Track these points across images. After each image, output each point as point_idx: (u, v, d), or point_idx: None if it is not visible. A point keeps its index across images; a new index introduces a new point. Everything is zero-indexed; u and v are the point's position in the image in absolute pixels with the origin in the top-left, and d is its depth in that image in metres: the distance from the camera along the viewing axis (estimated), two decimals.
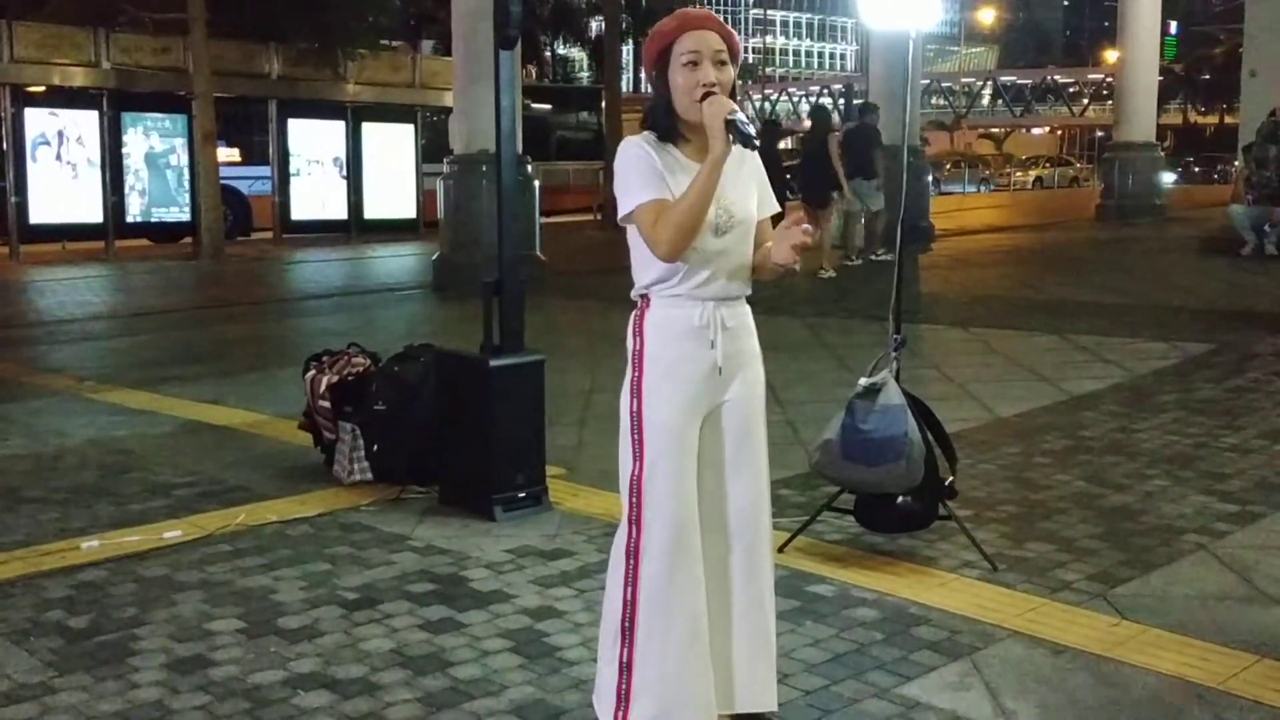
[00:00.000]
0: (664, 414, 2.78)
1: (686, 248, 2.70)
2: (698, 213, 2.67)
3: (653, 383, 2.79)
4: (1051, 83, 69.68)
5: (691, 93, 2.70)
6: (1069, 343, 8.96)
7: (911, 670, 3.46)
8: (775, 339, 9.64)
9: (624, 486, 2.81)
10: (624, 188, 2.75)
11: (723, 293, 2.82)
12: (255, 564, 4.43)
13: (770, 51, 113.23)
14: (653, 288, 2.81)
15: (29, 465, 5.98)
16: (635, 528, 2.77)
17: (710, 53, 2.73)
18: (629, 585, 2.78)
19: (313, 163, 22.17)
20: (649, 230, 2.70)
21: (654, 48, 2.78)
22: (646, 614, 2.77)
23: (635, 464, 2.78)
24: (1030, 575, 4.20)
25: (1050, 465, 5.66)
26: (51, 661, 3.58)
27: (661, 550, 2.76)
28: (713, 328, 2.81)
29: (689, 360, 2.80)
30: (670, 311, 2.80)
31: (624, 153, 2.78)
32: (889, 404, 4.22)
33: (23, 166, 18.93)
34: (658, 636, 2.77)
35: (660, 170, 2.74)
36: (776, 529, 4.65)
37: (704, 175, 2.65)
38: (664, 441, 2.77)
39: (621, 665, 2.80)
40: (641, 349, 2.81)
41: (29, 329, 11.88)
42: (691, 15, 2.81)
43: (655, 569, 2.76)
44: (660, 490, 2.76)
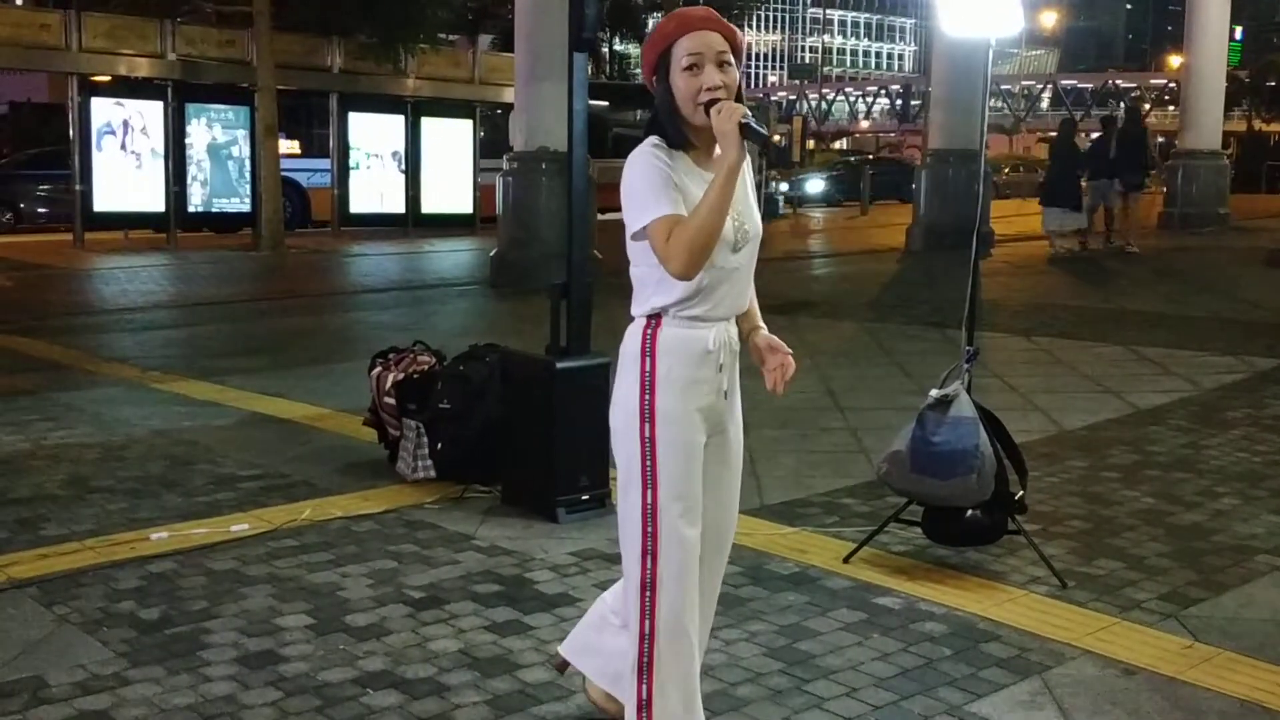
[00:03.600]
0: (679, 439, 2.66)
1: (703, 264, 2.54)
2: (714, 226, 2.52)
3: (665, 406, 2.65)
4: (1112, 86, 68.85)
5: (696, 97, 2.58)
6: (1134, 354, 8.85)
7: (981, 687, 3.42)
8: (834, 344, 9.67)
9: (632, 515, 2.67)
10: (636, 201, 2.59)
11: (730, 311, 2.73)
12: (322, 560, 4.47)
13: (828, 51, 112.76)
14: (671, 308, 2.65)
15: (97, 454, 6.06)
16: (651, 559, 2.64)
17: (713, 54, 2.59)
18: (646, 619, 2.66)
19: (372, 156, 22.31)
20: (662, 245, 2.53)
21: (653, 50, 2.65)
22: (666, 647, 2.67)
23: (648, 492, 2.64)
24: (1100, 593, 4.15)
25: (1118, 480, 5.58)
26: (124, 653, 3.63)
27: (676, 580, 2.66)
28: (723, 350, 2.71)
29: (702, 383, 2.68)
30: (685, 332, 2.66)
31: (636, 163, 2.62)
32: (961, 416, 4.18)
33: (88, 155, 19.20)
34: (672, 668, 2.69)
35: (673, 181, 2.59)
36: (842, 538, 4.69)
37: (719, 185, 2.50)
38: (679, 468, 2.65)
39: (641, 704, 2.69)
40: (653, 370, 2.65)
41: (93, 316, 12.05)
42: (691, 15, 2.64)
43: (672, 599, 2.66)
44: (677, 518, 2.65)
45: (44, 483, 5.51)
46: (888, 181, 34.54)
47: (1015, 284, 13.45)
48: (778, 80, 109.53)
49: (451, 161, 23.10)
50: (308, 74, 21.88)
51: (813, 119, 64.94)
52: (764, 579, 4.28)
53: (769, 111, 33.67)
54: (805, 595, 4.12)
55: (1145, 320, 10.63)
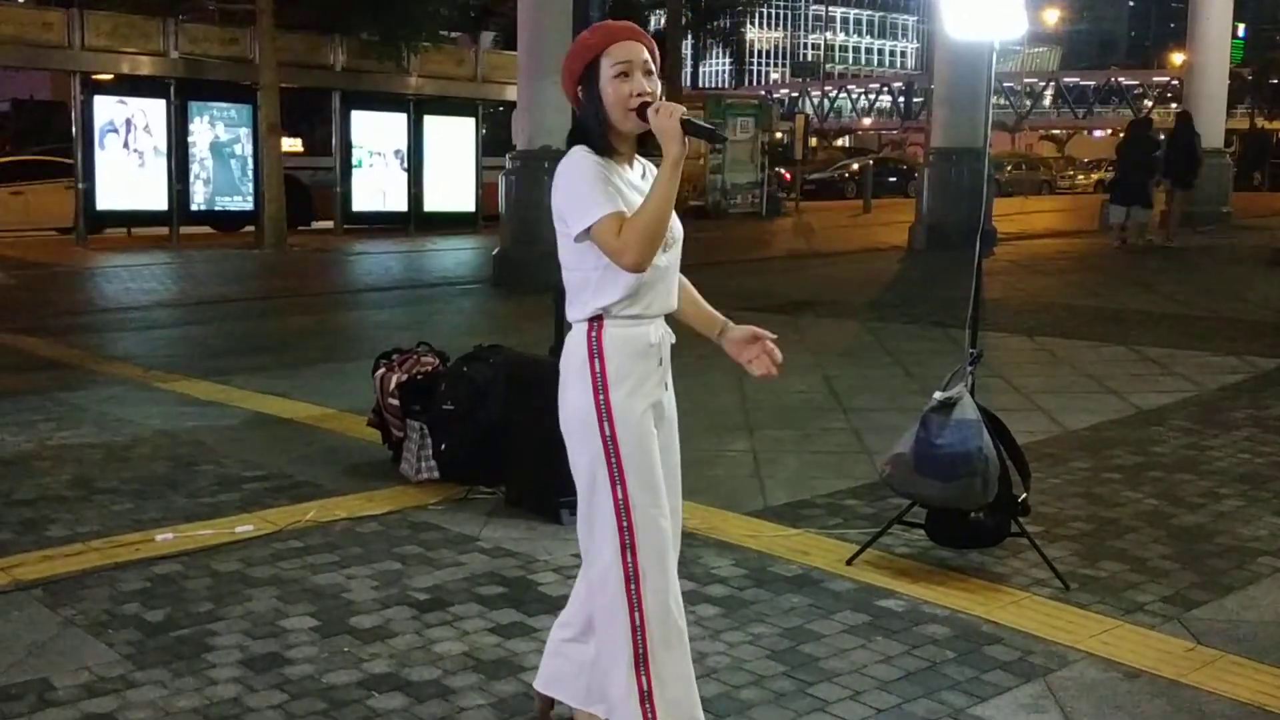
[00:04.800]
0: (637, 433, 2.74)
1: (653, 257, 2.65)
2: (665, 216, 2.63)
3: (621, 402, 2.73)
4: (1115, 84, 68.81)
5: (626, 103, 2.68)
6: (1136, 354, 8.86)
7: (985, 690, 3.43)
8: (836, 343, 9.68)
9: (607, 517, 2.73)
10: (577, 203, 2.67)
11: (665, 308, 2.82)
12: (326, 561, 4.48)
13: (831, 48, 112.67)
14: (612, 307, 2.73)
15: (101, 455, 6.07)
16: (630, 553, 2.72)
17: (640, 63, 2.71)
18: (635, 610, 2.73)
19: (374, 154, 22.34)
20: (614, 241, 2.62)
21: (579, 61, 2.74)
22: (659, 635, 2.74)
23: (617, 488, 2.72)
24: (1103, 596, 4.16)
25: (1120, 482, 5.59)
26: (130, 654, 3.64)
27: (658, 568, 2.74)
28: (663, 345, 2.81)
29: (646, 378, 2.78)
30: (628, 330, 2.75)
31: (576, 166, 2.70)
32: (964, 419, 4.19)
33: (91, 153, 19.23)
34: (666, 654, 2.75)
35: (614, 183, 2.69)
36: (845, 540, 4.69)
37: (665, 178, 2.61)
38: (642, 460, 2.74)
39: (643, 695, 2.74)
40: (604, 370, 2.73)
41: (96, 315, 12.08)
42: (617, 26, 2.77)
43: (656, 586, 2.74)
44: (650, 509, 2.73)
45: (49, 483, 5.53)
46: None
47: (1018, 283, 13.44)
48: (780, 77, 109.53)
49: (454, 160, 23.12)
50: (310, 72, 21.91)
51: (815, 117, 64.96)
52: (767, 581, 4.29)
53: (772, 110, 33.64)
54: (808, 597, 4.13)
55: (1147, 320, 10.63)
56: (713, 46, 57.08)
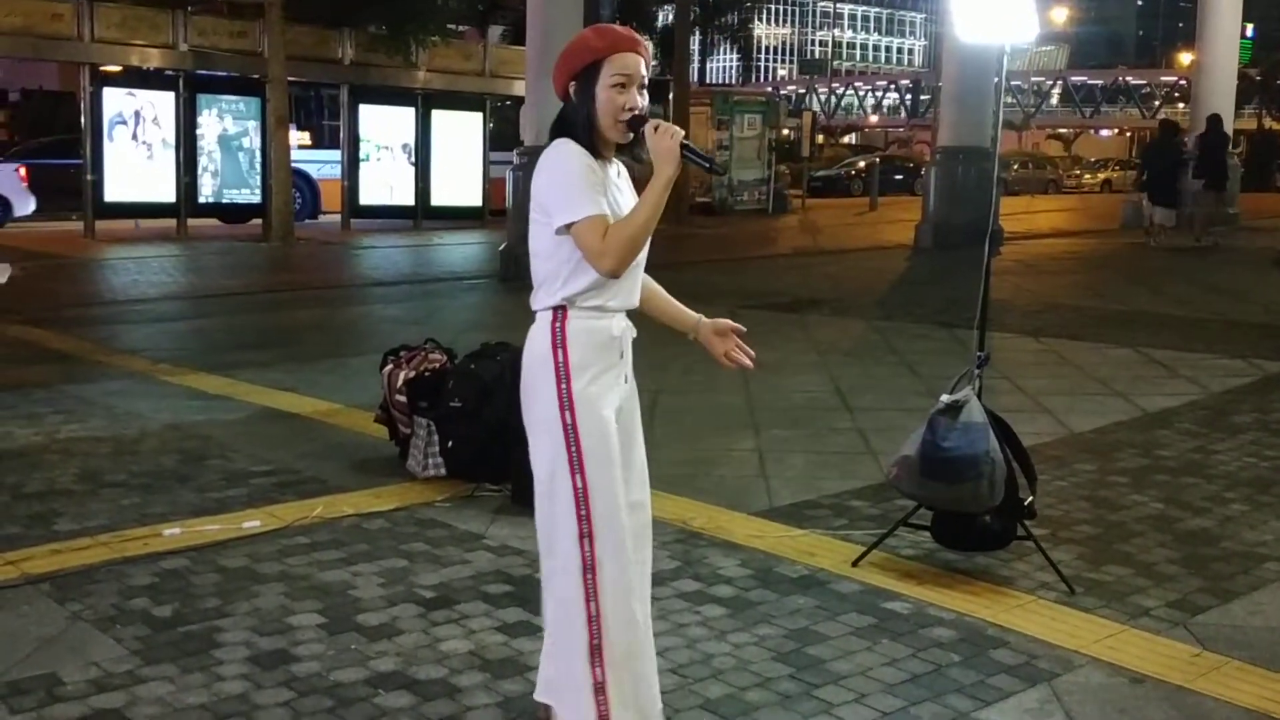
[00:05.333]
0: (598, 422, 2.78)
1: (631, 264, 2.74)
2: (650, 230, 2.70)
3: (582, 393, 2.77)
4: (1123, 84, 68.66)
5: (617, 114, 2.72)
6: (1143, 356, 8.85)
7: (990, 695, 3.44)
8: (842, 342, 9.68)
9: (564, 503, 2.76)
10: (564, 197, 2.71)
11: (626, 304, 2.88)
12: (333, 558, 4.49)
13: (838, 45, 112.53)
14: (577, 298, 2.78)
15: (110, 448, 6.09)
16: (589, 542, 2.74)
17: (639, 77, 2.75)
18: (591, 600, 2.74)
19: (382, 148, 22.33)
20: (596, 243, 2.67)
21: (578, 60, 2.75)
22: (613, 624, 2.75)
23: (577, 478, 2.75)
24: (1109, 600, 4.16)
25: (1126, 485, 5.59)
26: (138, 650, 3.65)
27: (615, 559, 2.75)
28: (624, 338, 2.86)
29: (608, 369, 2.82)
30: (592, 322, 2.80)
31: (563, 160, 2.74)
32: (971, 422, 4.19)
33: (99, 145, 19.22)
34: (623, 644, 2.76)
35: (604, 184, 2.73)
36: (850, 541, 4.70)
37: (656, 194, 2.67)
38: (602, 450, 2.77)
39: (596, 686, 2.74)
40: (566, 360, 2.77)
41: (104, 307, 12.10)
42: (623, 36, 2.78)
43: (613, 577, 2.75)
44: (607, 499, 2.76)
45: (57, 477, 5.55)
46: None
47: (1025, 283, 13.43)
48: (787, 74, 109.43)
49: (461, 154, 23.12)
50: (319, 66, 21.91)
51: (822, 114, 64.89)
52: (773, 582, 4.30)
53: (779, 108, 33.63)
54: (814, 599, 4.14)
55: (1153, 321, 10.62)
56: (720, 43, 56.96)
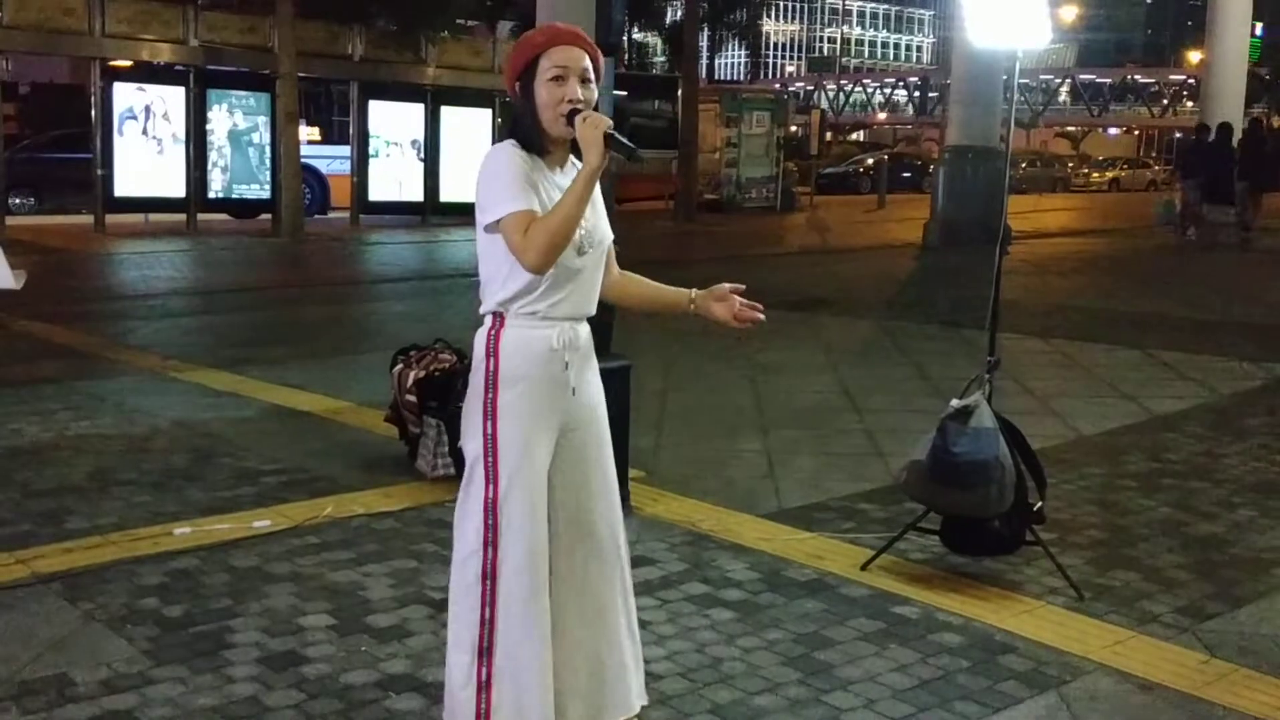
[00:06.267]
0: (520, 436, 2.72)
1: (555, 260, 2.65)
2: (573, 223, 2.63)
3: (508, 404, 2.72)
4: (1131, 82, 68.56)
5: (557, 108, 2.68)
6: (1151, 358, 8.85)
7: (998, 701, 3.44)
8: (849, 343, 9.68)
9: (474, 509, 2.75)
10: (492, 195, 2.69)
11: (575, 312, 2.80)
12: (344, 558, 4.51)
13: (846, 42, 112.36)
14: (510, 304, 2.74)
15: (120, 446, 6.11)
16: (492, 550, 2.72)
17: (578, 69, 2.71)
18: (487, 606, 2.73)
19: (391, 144, 22.34)
20: (519, 239, 2.63)
21: (520, 59, 2.75)
22: (505, 632, 2.73)
23: (490, 487, 2.72)
24: (1117, 606, 4.17)
25: (1134, 489, 5.59)
26: (148, 650, 3.67)
27: (519, 571, 2.72)
28: (568, 348, 2.77)
29: (546, 381, 2.75)
30: (527, 331, 2.74)
31: (495, 158, 2.73)
32: (981, 427, 4.20)
33: (110, 140, 19.25)
34: (514, 653, 2.74)
35: (533, 181, 2.70)
36: (859, 544, 4.71)
37: (580, 185, 2.61)
38: (520, 463, 2.72)
39: (480, 684, 2.75)
40: (496, 370, 2.73)
41: (114, 302, 12.13)
42: (561, 30, 2.77)
43: (514, 588, 2.72)
44: (517, 512, 2.72)
45: (68, 474, 5.56)
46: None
47: (1033, 283, 13.43)
48: (795, 70, 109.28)
49: (470, 150, 23.07)
50: (329, 61, 21.90)
51: (831, 111, 64.81)
52: (781, 585, 4.31)
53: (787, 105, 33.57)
54: (823, 603, 4.14)
55: (1162, 323, 10.61)
56: (729, 40, 56.91)
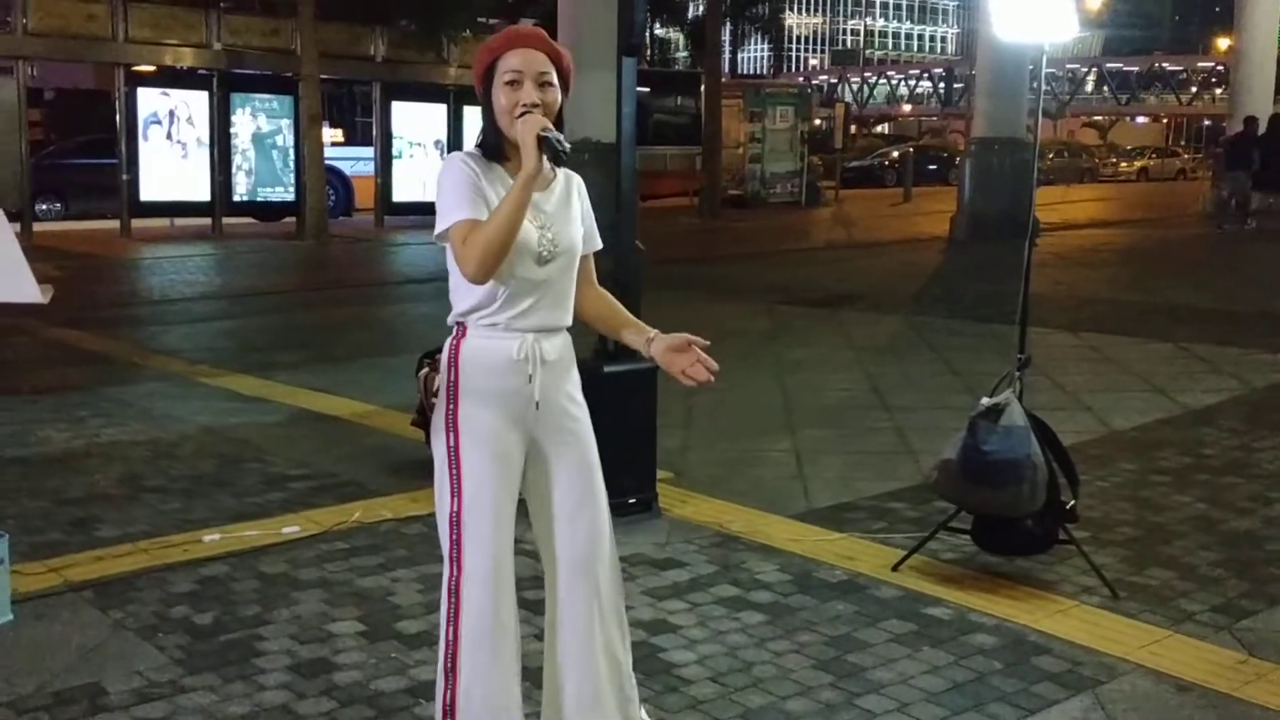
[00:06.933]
0: (481, 449, 2.68)
1: (494, 268, 2.58)
2: (507, 231, 2.55)
3: (469, 417, 2.67)
4: (1159, 70, 68.01)
5: (511, 113, 2.64)
6: (1184, 351, 8.76)
7: (1033, 703, 3.41)
8: (877, 340, 9.62)
9: (442, 523, 2.71)
10: (442, 205, 2.65)
11: (543, 324, 2.72)
12: (372, 563, 4.50)
13: (870, 34, 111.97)
14: (469, 315, 2.69)
15: (148, 452, 6.13)
16: (456, 566, 2.68)
17: (534, 72, 2.65)
18: (450, 624, 2.69)
19: (415, 145, 22.39)
20: (459, 247, 2.58)
21: (480, 64, 2.71)
22: (469, 653, 2.68)
23: (453, 500, 2.67)
24: (1152, 604, 4.12)
25: (1168, 485, 5.54)
26: (180, 659, 3.67)
27: (483, 587, 2.67)
28: (531, 361, 2.70)
29: (506, 394, 2.69)
30: (486, 342, 2.68)
31: (445, 169, 2.69)
32: (1012, 425, 4.16)
33: (134, 145, 19.35)
34: (481, 677, 2.69)
35: (481, 189, 2.64)
36: (890, 545, 4.67)
37: (514, 192, 2.56)
38: (482, 477, 2.67)
39: (445, 707, 2.70)
40: (456, 380, 2.68)
41: (141, 308, 12.19)
42: (519, 33, 2.72)
43: (478, 605, 2.67)
44: (479, 526, 2.67)
45: (98, 482, 5.58)
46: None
47: (1062, 276, 13.33)
48: (819, 63, 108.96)
49: None
50: (351, 63, 21.96)
51: (855, 104, 64.58)
52: (812, 587, 4.28)
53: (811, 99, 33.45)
54: (854, 605, 4.11)
55: (1194, 315, 10.52)
56: (751, 34, 56.75)
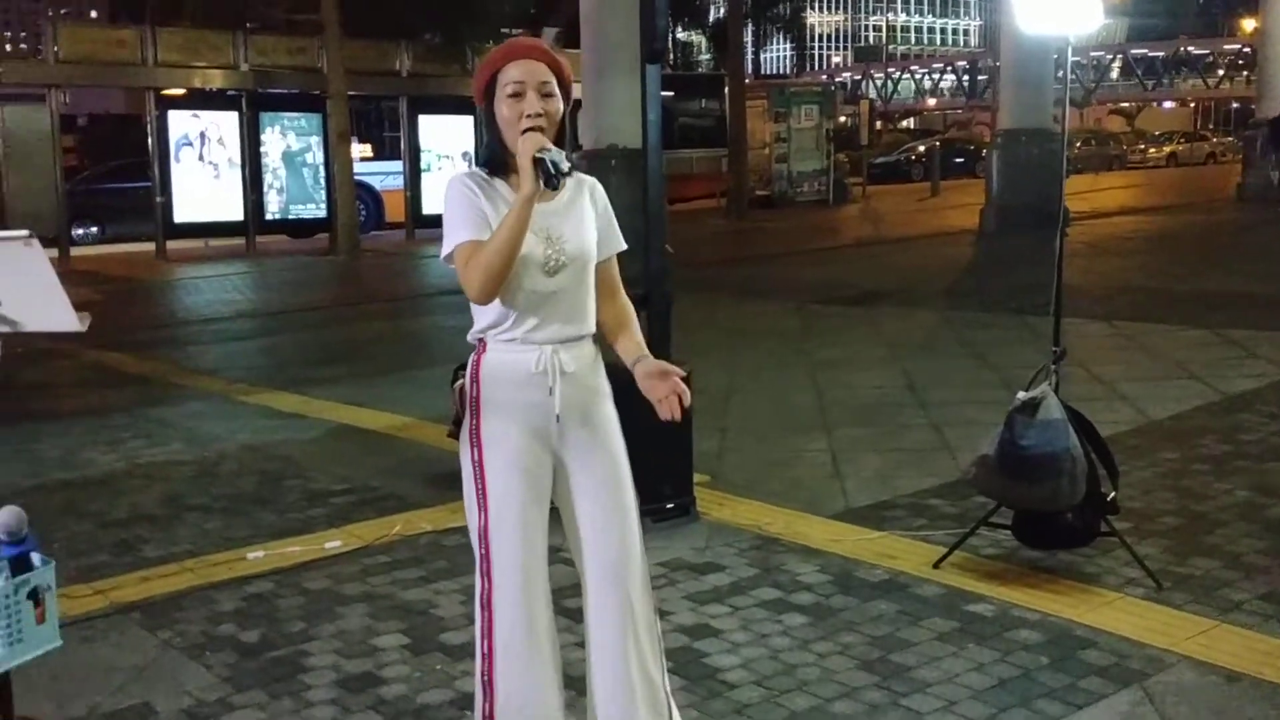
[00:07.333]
0: (505, 462, 2.67)
1: (497, 289, 2.57)
2: (507, 253, 2.54)
3: (491, 431, 2.68)
4: (1185, 54, 67.41)
5: (516, 124, 2.61)
6: (1219, 337, 8.69)
7: (1080, 698, 3.39)
8: (910, 336, 9.60)
9: (472, 537, 2.72)
10: (447, 227, 2.64)
11: (560, 335, 2.69)
12: (414, 576, 4.53)
13: (892, 29, 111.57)
14: (488, 331, 2.68)
15: (191, 471, 6.19)
16: (487, 580, 2.68)
17: (536, 82, 2.63)
18: (486, 638, 2.69)
19: (443, 157, 22.52)
20: (462, 269, 2.58)
21: (481, 79, 2.69)
22: (504, 668, 2.68)
23: (480, 515, 2.68)
24: (1198, 595, 4.09)
25: (1209, 472, 5.49)
26: (228, 677, 3.70)
27: (514, 601, 2.67)
28: (551, 373, 2.67)
29: (528, 407, 2.68)
30: (505, 356, 2.67)
31: (448, 191, 2.68)
32: (1049, 419, 4.14)
33: (167, 167, 19.56)
34: (518, 688, 2.69)
35: (482, 209, 2.63)
36: (930, 542, 4.65)
37: (512, 215, 2.54)
38: (506, 491, 2.67)
39: (485, 717, 2.70)
40: (478, 395, 2.68)
41: (179, 328, 12.31)
42: (518, 44, 2.70)
43: (510, 620, 2.67)
44: (506, 540, 2.67)
45: (141, 502, 5.64)
46: None
47: (1094, 266, 13.25)
48: (842, 61, 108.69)
49: None
50: (377, 78, 22.12)
51: (879, 99, 64.37)
52: (853, 587, 4.27)
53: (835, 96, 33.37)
54: (896, 604, 4.10)
55: (1229, 301, 10.42)
56: (773, 34, 56.70)
